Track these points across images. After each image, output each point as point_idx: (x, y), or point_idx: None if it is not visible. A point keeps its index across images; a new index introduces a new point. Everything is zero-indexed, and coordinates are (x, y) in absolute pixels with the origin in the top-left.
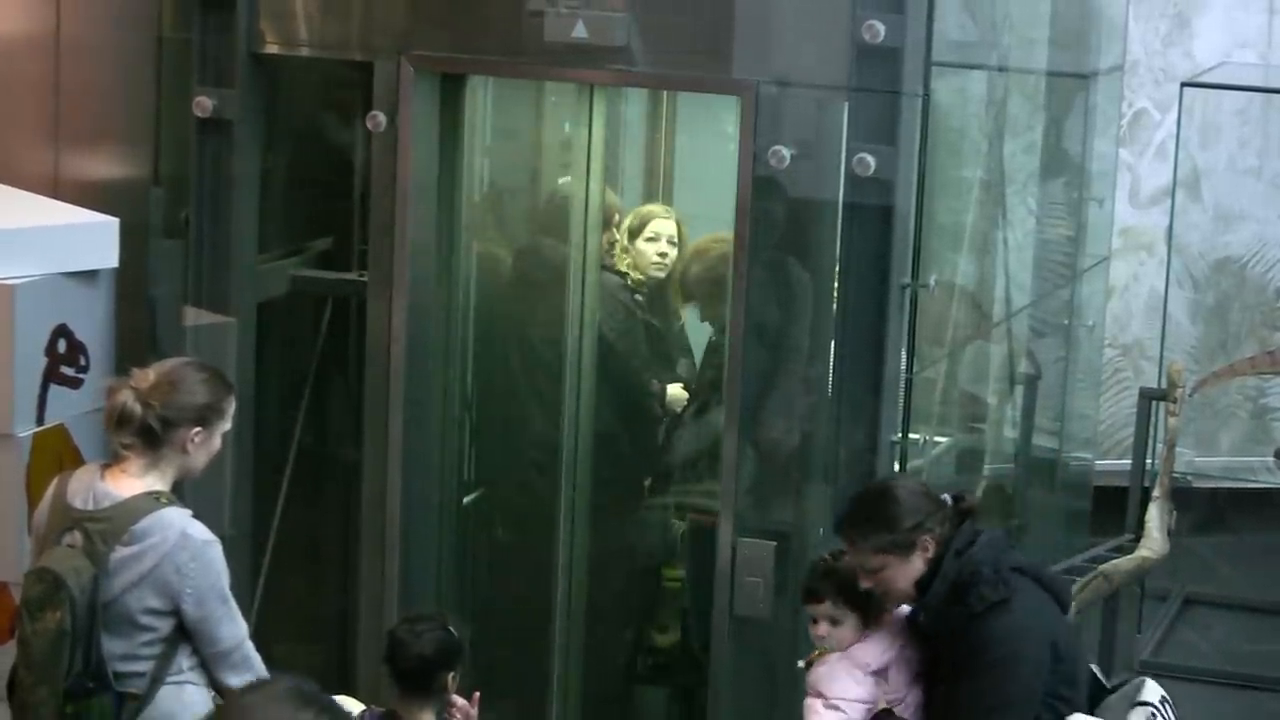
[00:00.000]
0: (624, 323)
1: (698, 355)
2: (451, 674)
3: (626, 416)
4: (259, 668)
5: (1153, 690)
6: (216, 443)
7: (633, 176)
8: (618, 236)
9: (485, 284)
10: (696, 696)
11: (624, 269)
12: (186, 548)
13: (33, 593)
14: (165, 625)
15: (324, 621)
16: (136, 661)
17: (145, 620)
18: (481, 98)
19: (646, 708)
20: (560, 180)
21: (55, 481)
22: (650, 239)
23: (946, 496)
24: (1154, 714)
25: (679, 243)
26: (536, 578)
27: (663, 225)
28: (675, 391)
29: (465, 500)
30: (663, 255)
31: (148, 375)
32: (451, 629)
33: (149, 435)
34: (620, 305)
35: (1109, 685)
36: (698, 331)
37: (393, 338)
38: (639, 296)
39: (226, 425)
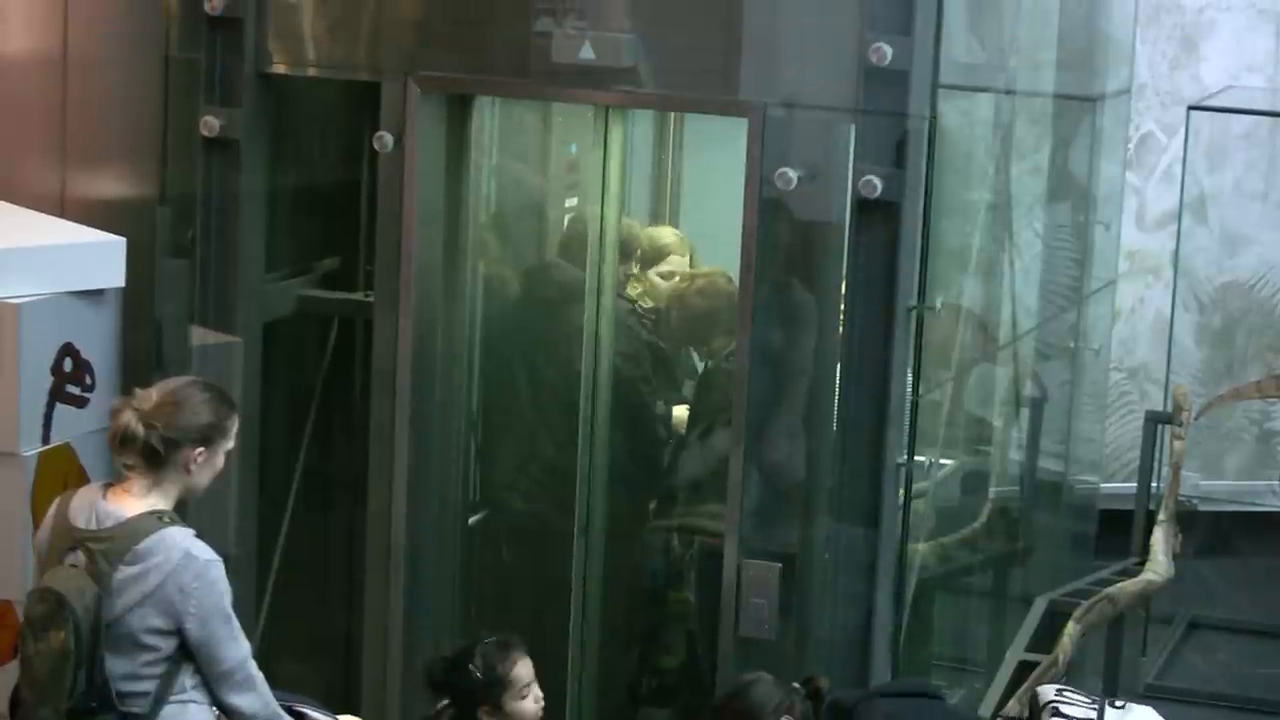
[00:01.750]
0: (631, 345)
1: None
2: None
3: (637, 439)
4: (262, 687)
5: (1047, 691)
6: (220, 461)
7: (640, 198)
8: (635, 270)
9: (492, 305)
10: (701, 718)
11: (633, 294)
12: (189, 568)
13: (36, 612)
14: (168, 645)
15: (328, 640)
16: (139, 681)
17: (148, 640)
18: (488, 118)
19: None
20: (568, 202)
21: (57, 501)
22: (665, 276)
23: (796, 684)
24: (1055, 707)
25: None
26: (546, 598)
27: (679, 261)
28: (681, 414)
29: (470, 521)
30: None
31: (150, 395)
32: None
33: (152, 455)
34: (628, 328)
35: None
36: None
37: (399, 358)
38: (646, 320)
39: (230, 444)
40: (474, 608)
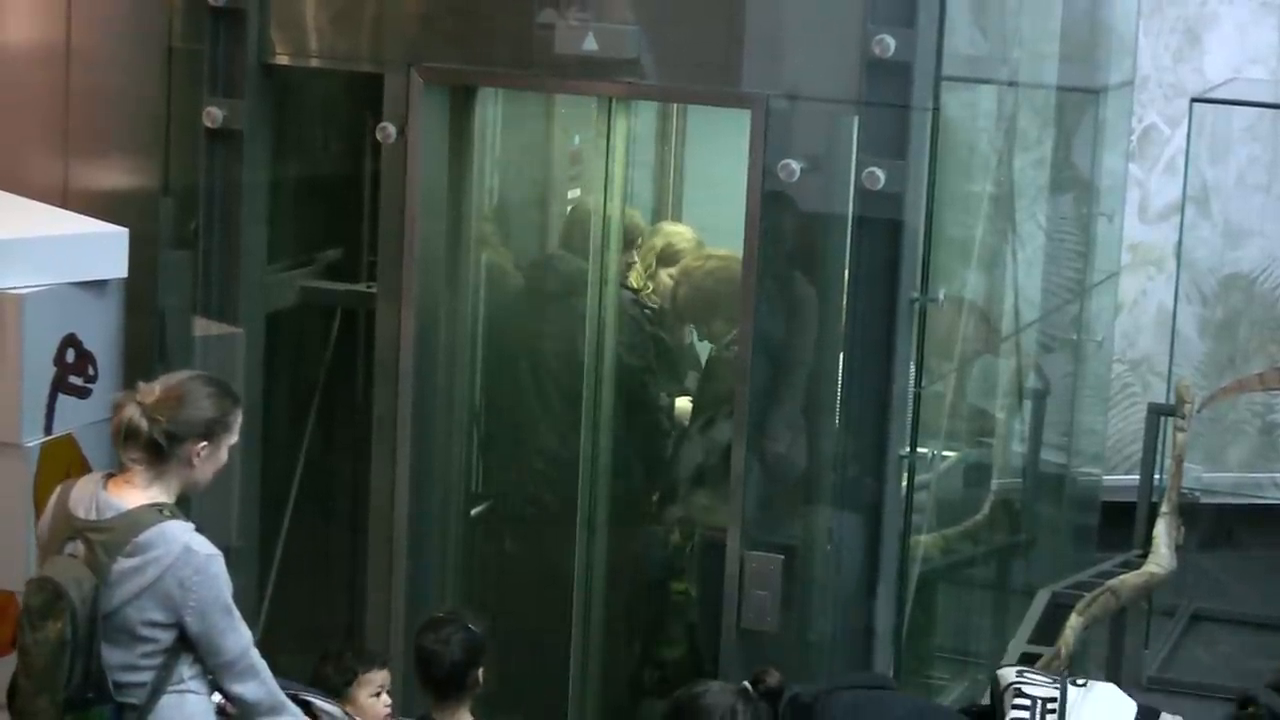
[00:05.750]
0: (635, 336)
1: None
2: (480, 668)
3: (639, 430)
4: (265, 675)
5: (1008, 673)
6: (223, 456)
7: (643, 189)
8: (636, 259)
9: (494, 296)
10: None
11: (636, 285)
12: (189, 562)
13: (34, 602)
14: (166, 637)
15: (331, 632)
16: (137, 672)
17: (145, 632)
18: (491, 110)
19: None
20: (570, 194)
21: (58, 490)
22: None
23: (746, 684)
24: (1018, 688)
25: None
26: (548, 589)
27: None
28: (684, 405)
29: (473, 512)
30: None
31: (153, 389)
32: (471, 625)
33: (155, 450)
34: (631, 319)
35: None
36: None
37: (401, 349)
38: (648, 310)
39: (233, 438)
40: (476, 599)
